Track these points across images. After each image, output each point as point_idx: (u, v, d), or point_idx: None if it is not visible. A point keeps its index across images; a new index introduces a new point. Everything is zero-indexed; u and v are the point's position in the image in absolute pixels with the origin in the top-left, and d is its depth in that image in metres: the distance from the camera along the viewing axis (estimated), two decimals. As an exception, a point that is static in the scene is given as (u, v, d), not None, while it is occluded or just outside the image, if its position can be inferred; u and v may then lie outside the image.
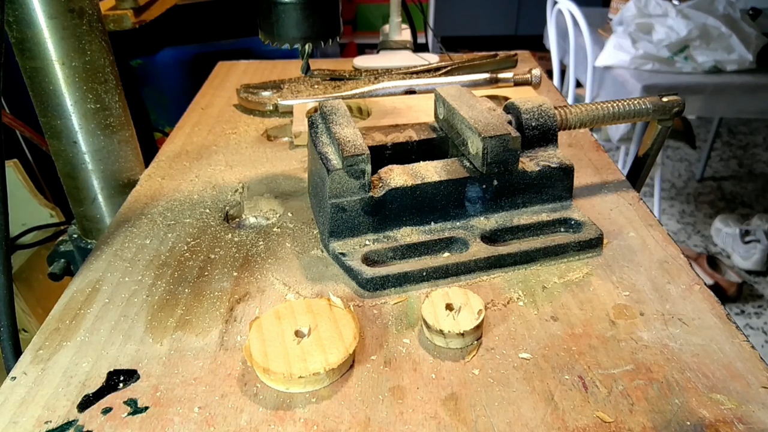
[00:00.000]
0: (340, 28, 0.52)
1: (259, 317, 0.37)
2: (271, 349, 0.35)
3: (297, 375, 0.33)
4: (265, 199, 0.54)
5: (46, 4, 0.48)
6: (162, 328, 0.39)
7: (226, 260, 0.46)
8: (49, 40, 0.49)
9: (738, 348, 0.36)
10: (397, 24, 0.94)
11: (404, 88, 0.74)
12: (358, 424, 0.32)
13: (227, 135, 0.68)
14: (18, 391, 0.34)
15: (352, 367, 0.36)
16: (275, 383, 0.34)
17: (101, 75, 0.53)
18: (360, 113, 0.71)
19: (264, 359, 0.34)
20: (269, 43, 0.50)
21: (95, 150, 0.55)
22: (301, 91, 0.74)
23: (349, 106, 0.70)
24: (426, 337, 0.38)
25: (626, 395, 0.33)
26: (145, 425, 0.32)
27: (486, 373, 0.35)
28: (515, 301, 0.41)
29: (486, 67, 0.79)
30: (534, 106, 0.49)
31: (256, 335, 0.36)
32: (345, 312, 0.38)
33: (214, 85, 0.84)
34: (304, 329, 0.36)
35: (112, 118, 0.55)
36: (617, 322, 0.39)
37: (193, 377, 0.35)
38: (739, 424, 0.31)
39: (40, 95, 0.52)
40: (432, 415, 0.32)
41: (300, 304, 0.38)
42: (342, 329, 0.36)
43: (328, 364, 0.33)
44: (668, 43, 1.42)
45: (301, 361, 0.34)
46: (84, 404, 0.33)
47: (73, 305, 0.41)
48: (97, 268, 0.45)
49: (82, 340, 0.38)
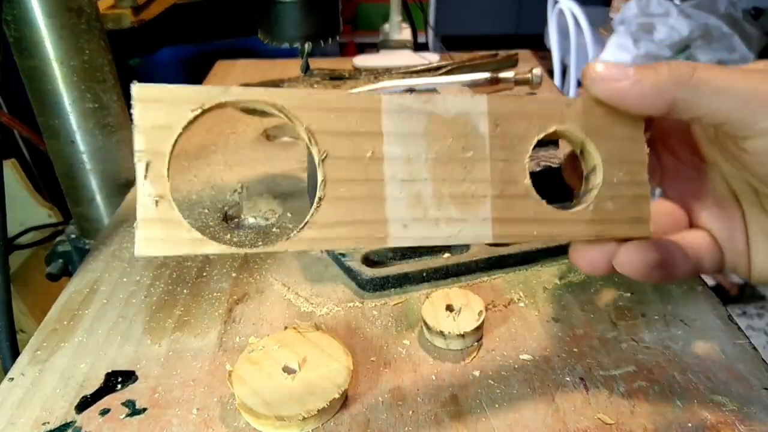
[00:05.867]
0: (339, 27, 0.51)
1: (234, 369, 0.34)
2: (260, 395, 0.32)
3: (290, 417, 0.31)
4: (264, 200, 0.54)
5: (45, 3, 0.48)
6: (160, 329, 0.39)
7: (225, 261, 0.46)
8: (47, 39, 0.49)
9: (740, 349, 0.36)
10: (398, 23, 0.94)
11: (404, 87, 0.74)
12: (358, 425, 0.32)
13: (226, 135, 0.68)
14: (16, 393, 0.34)
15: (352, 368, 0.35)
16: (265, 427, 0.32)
17: (100, 74, 0.53)
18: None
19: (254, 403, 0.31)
20: (268, 42, 0.50)
21: (93, 150, 0.55)
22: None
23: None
24: (426, 338, 0.38)
25: (627, 397, 0.33)
26: (144, 427, 0.32)
27: (486, 375, 0.35)
28: (516, 302, 0.41)
29: (486, 66, 0.79)
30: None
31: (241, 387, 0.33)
32: (333, 340, 0.35)
33: (213, 85, 0.84)
34: (293, 365, 0.34)
35: (110, 117, 0.55)
36: (618, 324, 0.38)
37: (192, 378, 0.35)
38: (741, 426, 0.31)
39: (38, 94, 0.52)
40: (432, 416, 0.32)
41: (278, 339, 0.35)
42: (332, 364, 0.34)
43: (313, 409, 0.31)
44: (670, 43, 1.41)
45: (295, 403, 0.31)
46: (82, 405, 0.33)
47: (71, 306, 0.41)
48: (95, 268, 0.45)
49: (80, 341, 0.38)
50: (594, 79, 0.27)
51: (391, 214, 0.26)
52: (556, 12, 1.83)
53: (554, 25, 1.87)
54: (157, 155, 0.23)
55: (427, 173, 0.26)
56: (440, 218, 0.26)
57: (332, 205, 0.25)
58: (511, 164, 0.27)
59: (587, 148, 0.29)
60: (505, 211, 0.27)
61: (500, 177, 0.27)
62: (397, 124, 0.26)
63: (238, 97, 0.23)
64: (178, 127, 0.23)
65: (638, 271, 0.28)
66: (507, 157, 0.27)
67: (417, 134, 0.26)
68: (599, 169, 0.28)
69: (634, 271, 0.28)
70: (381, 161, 0.26)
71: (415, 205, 0.26)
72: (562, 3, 1.71)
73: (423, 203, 0.26)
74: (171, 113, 0.23)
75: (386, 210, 0.25)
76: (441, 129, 0.26)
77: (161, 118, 0.23)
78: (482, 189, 0.27)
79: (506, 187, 0.27)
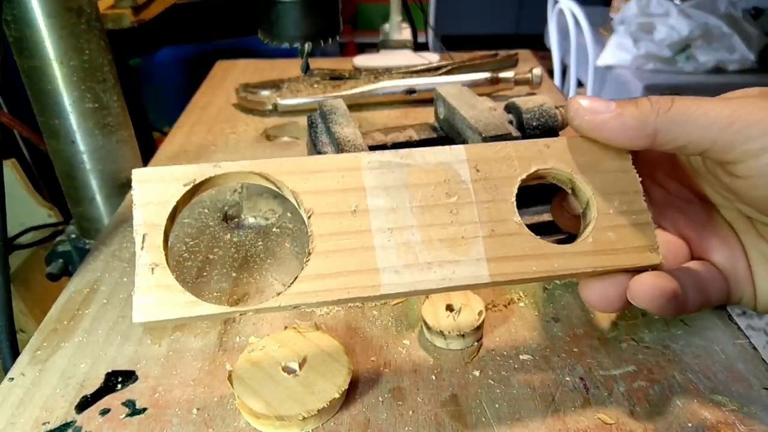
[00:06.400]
0: (339, 27, 0.51)
1: (234, 369, 0.34)
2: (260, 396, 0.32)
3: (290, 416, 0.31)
4: (264, 199, 0.54)
5: (45, 2, 0.48)
6: (160, 328, 0.39)
7: (225, 261, 0.46)
8: (47, 39, 0.49)
9: (740, 349, 0.36)
10: (398, 23, 0.94)
11: (404, 87, 0.74)
12: (358, 425, 0.32)
13: (226, 135, 0.68)
14: (16, 393, 0.34)
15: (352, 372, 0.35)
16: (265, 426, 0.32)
17: (100, 74, 0.53)
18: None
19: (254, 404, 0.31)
20: (268, 42, 0.50)
21: (93, 149, 0.55)
22: (301, 90, 0.73)
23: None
24: (426, 338, 0.38)
25: (628, 397, 0.33)
26: (144, 427, 0.32)
27: (486, 375, 0.35)
28: (516, 302, 0.41)
29: (486, 66, 0.79)
30: (535, 105, 0.48)
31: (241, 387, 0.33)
32: (331, 339, 0.35)
33: (212, 85, 0.84)
34: (293, 365, 0.34)
35: (110, 117, 0.55)
36: (619, 323, 0.38)
37: (192, 378, 0.35)
38: (741, 426, 0.31)
39: (38, 94, 0.52)
40: (432, 416, 0.32)
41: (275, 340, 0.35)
42: (331, 364, 0.33)
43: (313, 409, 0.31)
44: (670, 43, 1.41)
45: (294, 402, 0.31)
46: (82, 405, 0.33)
47: (71, 306, 0.41)
48: (95, 268, 0.45)
49: (80, 340, 0.38)
50: (577, 111, 0.28)
51: (382, 263, 0.26)
52: (556, 12, 1.83)
53: (554, 25, 1.87)
54: (154, 227, 0.25)
55: (413, 220, 0.27)
56: (432, 262, 0.26)
57: (322, 259, 0.26)
58: (497, 204, 0.28)
59: (577, 184, 0.29)
60: (499, 250, 0.27)
61: (489, 218, 0.27)
62: (378, 178, 0.27)
63: (227, 170, 0.26)
64: (173, 201, 0.26)
65: (654, 301, 0.28)
66: (492, 198, 0.28)
67: (399, 185, 0.27)
68: (592, 202, 0.28)
69: (649, 301, 0.28)
70: (366, 213, 0.26)
71: (405, 252, 0.26)
72: (562, 3, 1.71)
73: (413, 249, 0.26)
74: (166, 190, 0.26)
75: (376, 259, 0.26)
76: (422, 178, 0.27)
77: (157, 195, 0.25)
78: (472, 230, 0.27)
79: (496, 226, 0.27)
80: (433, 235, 0.27)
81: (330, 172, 0.27)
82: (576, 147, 0.29)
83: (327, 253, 0.26)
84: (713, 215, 0.31)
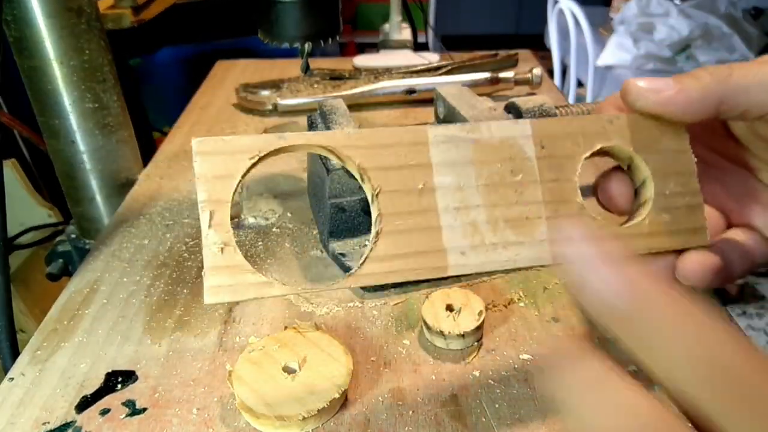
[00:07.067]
0: (339, 27, 0.51)
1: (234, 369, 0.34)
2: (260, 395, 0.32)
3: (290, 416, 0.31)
4: (264, 199, 0.54)
5: (45, 2, 0.48)
6: (160, 328, 0.39)
7: (225, 260, 0.46)
8: (47, 39, 0.49)
9: (740, 349, 0.36)
10: (398, 23, 0.94)
11: (404, 87, 0.74)
12: (358, 425, 0.32)
13: (226, 135, 0.68)
14: (16, 392, 0.34)
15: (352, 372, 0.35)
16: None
17: (99, 74, 0.53)
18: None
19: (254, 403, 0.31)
20: (268, 42, 0.50)
21: (93, 149, 0.55)
22: (301, 90, 0.73)
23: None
24: (426, 338, 0.38)
25: (628, 397, 0.33)
26: (144, 427, 0.32)
27: (487, 375, 0.35)
28: (516, 302, 0.41)
29: (486, 66, 0.79)
30: (535, 105, 0.48)
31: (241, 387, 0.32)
32: (332, 340, 0.35)
33: (212, 85, 0.84)
34: (293, 364, 0.34)
35: (110, 117, 0.55)
36: (618, 323, 0.38)
37: (192, 378, 0.35)
38: (742, 427, 0.31)
39: (38, 94, 0.52)
40: (432, 416, 0.32)
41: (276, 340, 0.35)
42: (332, 364, 0.34)
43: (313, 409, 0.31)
44: (670, 43, 1.41)
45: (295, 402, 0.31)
46: (82, 405, 0.33)
47: (71, 306, 0.41)
48: (95, 268, 0.45)
49: (80, 340, 0.38)
50: (639, 94, 0.28)
51: (449, 243, 0.26)
52: (556, 12, 1.83)
53: (554, 25, 1.87)
54: (220, 204, 0.24)
55: (479, 199, 0.26)
56: (498, 243, 0.26)
57: (390, 239, 0.25)
58: (561, 184, 0.27)
59: (635, 162, 0.29)
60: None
61: (552, 198, 0.27)
62: (444, 154, 0.26)
63: (293, 142, 0.25)
64: (237, 176, 0.24)
65: (702, 278, 0.28)
66: (557, 177, 0.27)
67: (465, 162, 0.26)
68: (650, 182, 0.28)
69: (698, 279, 0.28)
70: (433, 191, 0.26)
71: (471, 232, 0.26)
72: (562, 3, 1.71)
73: (479, 230, 0.26)
74: (230, 163, 0.24)
75: (443, 239, 0.26)
76: (488, 155, 0.27)
77: (222, 169, 0.24)
78: (536, 210, 0.27)
79: (559, 207, 0.27)
80: (498, 215, 0.26)
81: (397, 147, 0.26)
82: (635, 124, 0.28)
83: (395, 233, 0.25)
84: (752, 182, 0.31)
